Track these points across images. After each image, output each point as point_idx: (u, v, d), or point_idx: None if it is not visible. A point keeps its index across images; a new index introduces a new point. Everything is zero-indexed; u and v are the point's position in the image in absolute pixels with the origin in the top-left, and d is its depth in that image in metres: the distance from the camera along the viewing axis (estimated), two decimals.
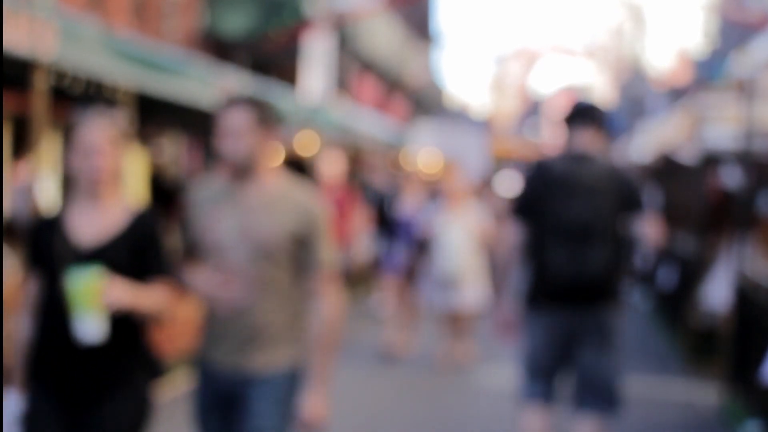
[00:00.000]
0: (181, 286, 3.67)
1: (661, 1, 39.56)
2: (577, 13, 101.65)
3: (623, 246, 4.96)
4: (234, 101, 3.70)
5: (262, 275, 3.61)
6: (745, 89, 7.63)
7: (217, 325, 3.66)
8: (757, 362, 5.94)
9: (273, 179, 3.73)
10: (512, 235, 4.99)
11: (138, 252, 3.55)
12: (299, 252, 3.66)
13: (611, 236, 4.85)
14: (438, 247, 8.87)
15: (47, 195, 6.47)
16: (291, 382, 3.67)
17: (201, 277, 3.66)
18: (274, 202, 3.67)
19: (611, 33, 44.91)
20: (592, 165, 4.89)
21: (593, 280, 4.80)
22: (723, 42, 19.49)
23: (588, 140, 4.95)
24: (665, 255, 11.27)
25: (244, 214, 3.65)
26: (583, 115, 5.00)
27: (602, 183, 4.86)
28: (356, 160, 15.63)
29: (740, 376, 7.15)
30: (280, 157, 3.99)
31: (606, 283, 4.83)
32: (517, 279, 5.05)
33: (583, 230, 4.80)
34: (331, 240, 3.73)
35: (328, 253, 3.70)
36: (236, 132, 3.63)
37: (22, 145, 7.60)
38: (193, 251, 3.73)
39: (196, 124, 10.61)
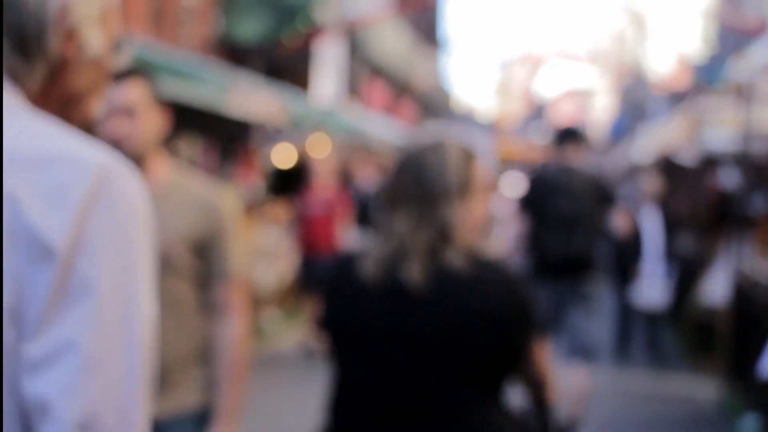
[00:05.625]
0: None
1: (661, 8, 39.74)
2: (581, 20, 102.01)
3: (600, 233, 6.52)
4: (123, 74, 2.85)
5: (161, 294, 2.73)
6: (743, 93, 7.73)
7: None
8: (755, 357, 5.95)
9: (163, 170, 2.92)
10: (519, 224, 6.36)
11: None
12: (201, 260, 2.90)
13: (590, 226, 6.28)
14: None
15: None
16: (201, 426, 2.92)
17: None
18: (165, 198, 2.86)
19: (613, 39, 45.12)
20: (576, 174, 6.33)
21: (577, 257, 6.21)
22: (721, 47, 19.69)
23: (572, 156, 6.38)
24: (665, 253, 11.43)
25: None
26: (568, 137, 6.44)
27: (583, 187, 6.28)
28: (366, 162, 15.78)
29: (739, 371, 7.19)
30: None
31: (587, 260, 6.25)
32: (522, 258, 6.41)
33: (570, 221, 6.20)
34: (238, 243, 2.96)
35: (236, 260, 2.94)
36: (129, 111, 2.81)
37: None
38: None
39: (211, 127, 10.87)
